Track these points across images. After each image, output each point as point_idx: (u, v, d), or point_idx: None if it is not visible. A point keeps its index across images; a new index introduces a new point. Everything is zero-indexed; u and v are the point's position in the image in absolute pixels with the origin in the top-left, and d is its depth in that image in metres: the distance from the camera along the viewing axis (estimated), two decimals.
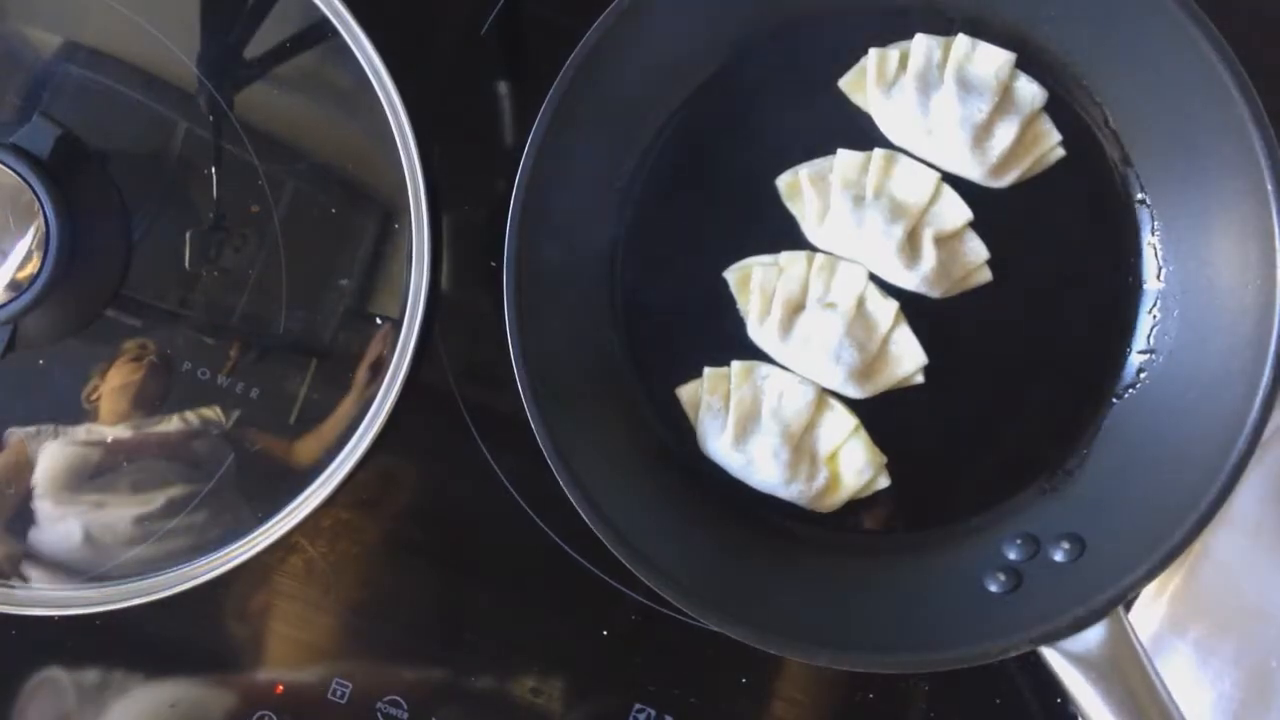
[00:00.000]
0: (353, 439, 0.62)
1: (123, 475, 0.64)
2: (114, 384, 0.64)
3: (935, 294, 0.61)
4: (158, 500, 0.63)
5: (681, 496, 0.62)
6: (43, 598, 0.64)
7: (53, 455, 0.63)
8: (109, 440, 0.64)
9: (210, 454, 0.64)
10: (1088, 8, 0.59)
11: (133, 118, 0.65)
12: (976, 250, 0.61)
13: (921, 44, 0.61)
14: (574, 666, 0.65)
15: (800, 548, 0.62)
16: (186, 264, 0.65)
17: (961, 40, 0.61)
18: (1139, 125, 0.61)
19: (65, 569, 0.64)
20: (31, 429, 0.64)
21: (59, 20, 0.65)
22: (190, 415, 0.64)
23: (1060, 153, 0.61)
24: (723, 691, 0.64)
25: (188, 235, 0.65)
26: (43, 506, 0.64)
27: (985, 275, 0.62)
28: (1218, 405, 0.56)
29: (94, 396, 0.63)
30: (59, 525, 0.64)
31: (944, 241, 0.61)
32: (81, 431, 0.64)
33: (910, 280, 0.61)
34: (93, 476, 0.64)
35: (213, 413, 0.64)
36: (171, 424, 0.64)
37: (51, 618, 0.64)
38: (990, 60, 0.60)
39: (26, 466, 0.64)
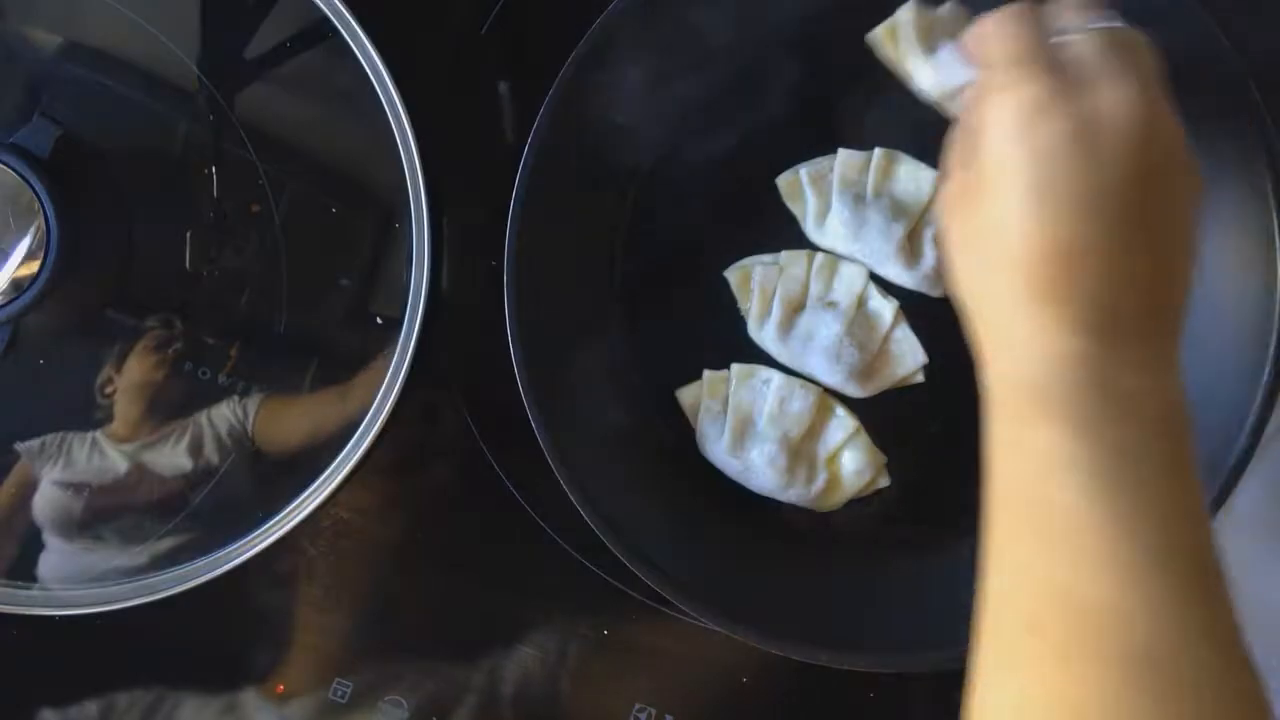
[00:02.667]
0: (353, 439, 0.62)
1: (109, 527, 0.64)
2: (131, 380, 0.63)
3: (936, 293, 0.61)
4: (145, 555, 0.63)
5: (681, 496, 0.62)
6: (44, 598, 0.64)
7: (42, 501, 0.63)
8: (95, 485, 0.63)
9: (212, 452, 0.64)
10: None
11: (133, 118, 0.65)
12: None
13: (952, 9, 0.59)
14: (574, 666, 0.65)
15: (800, 547, 0.62)
16: (187, 264, 0.65)
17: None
18: None
19: (63, 580, 0.64)
20: (36, 444, 0.64)
21: (59, 20, 0.65)
22: (201, 420, 0.64)
23: None
24: (723, 691, 0.64)
25: (188, 235, 0.65)
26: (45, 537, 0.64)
27: None
28: (1218, 405, 0.56)
29: (109, 390, 0.63)
30: (52, 555, 0.64)
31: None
32: (82, 457, 0.63)
33: (911, 280, 0.61)
34: (82, 527, 0.64)
35: (232, 415, 0.63)
36: (183, 439, 0.63)
37: (52, 618, 0.64)
38: None
39: (31, 487, 0.64)
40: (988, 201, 0.44)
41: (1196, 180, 0.46)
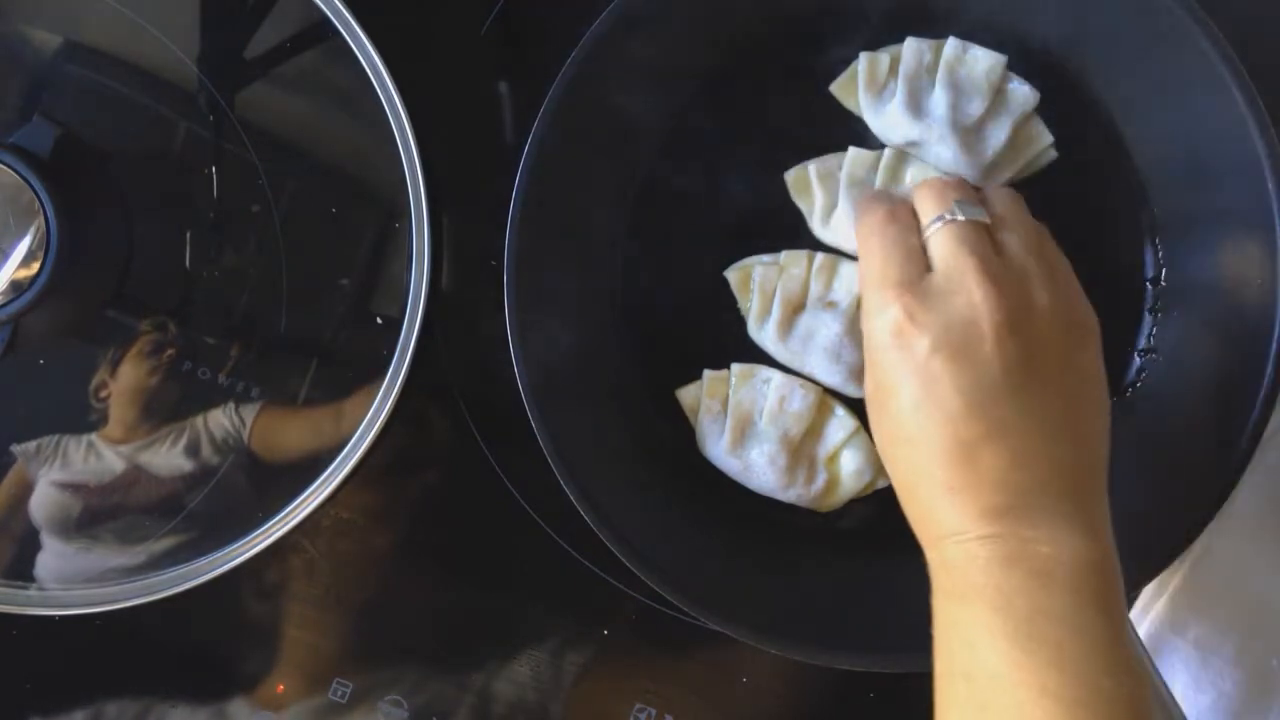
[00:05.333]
0: (353, 439, 0.62)
1: (107, 527, 0.64)
2: (126, 384, 0.63)
3: None
4: (144, 554, 0.63)
5: (681, 496, 0.62)
6: (43, 598, 0.64)
7: (39, 501, 0.63)
8: (91, 485, 0.63)
9: (210, 454, 0.64)
10: (1088, 7, 0.59)
11: (133, 118, 0.65)
12: None
13: (912, 47, 0.61)
14: (574, 666, 0.65)
15: (800, 547, 0.62)
16: (186, 264, 0.65)
17: (952, 43, 0.61)
18: (1139, 124, 0.61)
19: (61, 581, 0.64)
20: (32, 445, 0.64)
21: (59, 20, 0.65)
22: (199, 422, 0.63)
23: (1052, 154, 0.61)
24: (723, 691, 0.64)
25: (188, 235, 0.65)
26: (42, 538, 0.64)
27: None
28: (1218, 405, 0.56)
29: (103, 394, 0.63)
30: (50, 556, 0.64)
31: None
32: (78, 459, 0.63)
33: None
34: (79, 527, 0.64)
35: (229, 422, 0.63)
36: (181, 441, 0.63)
37: (52, 617, 0.64)
38: (981, 62, 0.60)
39: (28, 488, 0.64)
40: (888, 412, 0.49)
41: (1087, 327, 0.49)
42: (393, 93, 0.62)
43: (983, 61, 0.60)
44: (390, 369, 0.62)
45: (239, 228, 0.64)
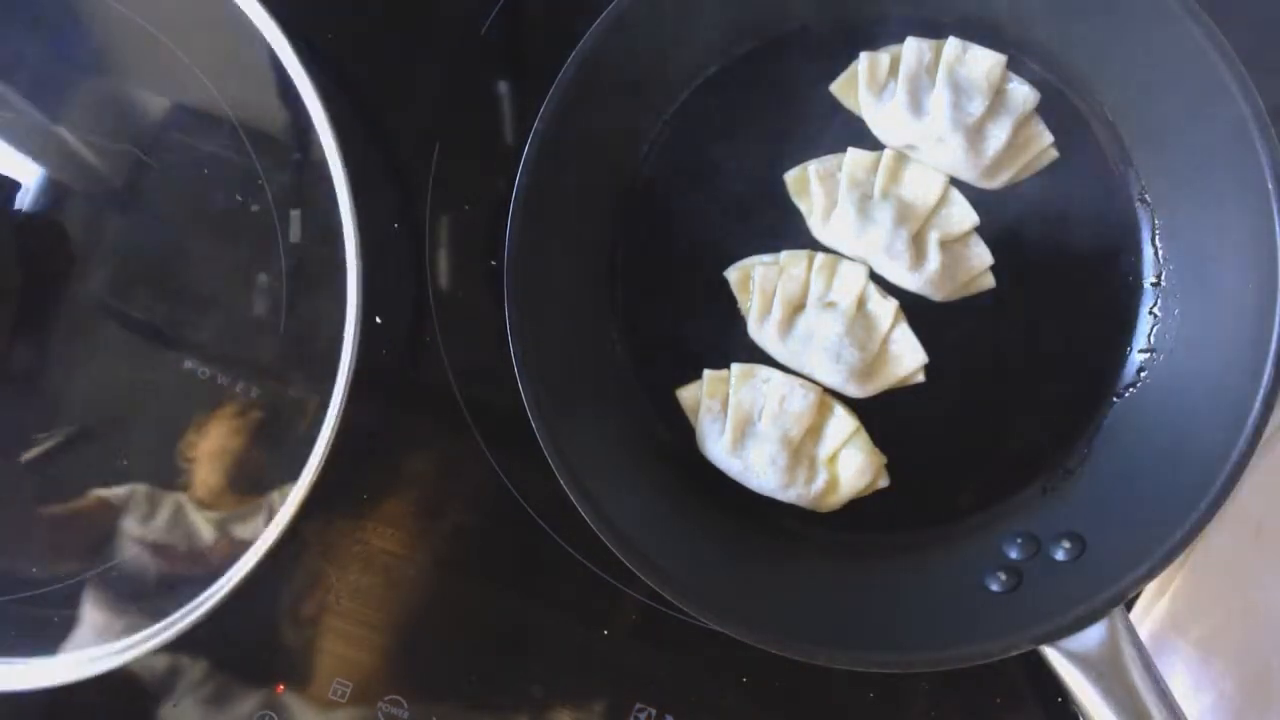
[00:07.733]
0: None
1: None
2: (211, 447, 0.63)
3: (938, 297, 0.61)
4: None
5: (681, 496, 0.62)
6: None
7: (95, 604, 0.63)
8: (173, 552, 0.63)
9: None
10: (1089, 6, 0.59)
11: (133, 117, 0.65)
12: (981, 255, 0.61)
13: (912, 47, 0.61)
14: (574, 666, 0.65)
15: (800, 547, 0.62)
16: (187, 264, 0.65)
17: (952, 43, 0.61)
18: (1139, 124, 0.61)
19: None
20: (123, 490, 0.63)
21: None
22: (275, 497, 0.62)
23: (1053, 154, 0.61)
24: (723, 691, 0.64)
25: (188, 235, 0.65)
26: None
27: (988, 281, 0.62)
28: (1218, 404, 0.56)
29: (190, 455, 0.63)
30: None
31: (949, 245, 0.61)
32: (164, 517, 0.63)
33: (913, 282, 0.61)
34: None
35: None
36: (258, 518, 0.62)
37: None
38: (981, 62, 0.60)
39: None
40: None
41: None
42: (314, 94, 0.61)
43: (983, 61, 0.60)
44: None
45: (239, 228, 0.64)
